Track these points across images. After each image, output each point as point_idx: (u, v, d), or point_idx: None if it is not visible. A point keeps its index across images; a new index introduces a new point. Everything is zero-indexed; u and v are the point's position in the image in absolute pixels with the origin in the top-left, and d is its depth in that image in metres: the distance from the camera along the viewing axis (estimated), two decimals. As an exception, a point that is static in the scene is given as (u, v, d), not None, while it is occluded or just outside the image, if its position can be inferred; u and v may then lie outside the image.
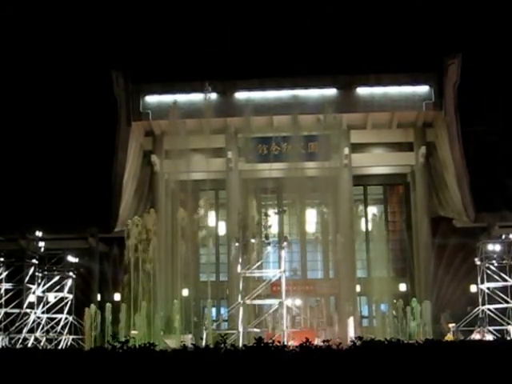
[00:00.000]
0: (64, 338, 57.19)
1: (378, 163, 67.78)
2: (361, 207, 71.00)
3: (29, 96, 73.34)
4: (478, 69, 65.79)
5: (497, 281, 55.81)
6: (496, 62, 69.29)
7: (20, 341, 54.19)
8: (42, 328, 56.68)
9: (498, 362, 14.84)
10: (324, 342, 15.59)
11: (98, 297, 66.02)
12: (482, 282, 56.13)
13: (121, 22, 78.14)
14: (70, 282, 58.75)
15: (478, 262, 56.68)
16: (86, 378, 13.97)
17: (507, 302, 55.16)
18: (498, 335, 53.08)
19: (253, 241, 50.49)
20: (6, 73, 72.91)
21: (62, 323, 57.66)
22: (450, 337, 50.51)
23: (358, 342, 15.18)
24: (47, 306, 57.58)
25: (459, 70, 61.81)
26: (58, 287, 58.16)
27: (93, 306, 53.06)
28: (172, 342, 46.52)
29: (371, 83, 64.07)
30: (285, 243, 50.60)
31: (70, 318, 57.93)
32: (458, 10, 74.34)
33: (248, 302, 49.96)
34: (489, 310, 55.34)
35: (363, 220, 71.10)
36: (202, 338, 46.63)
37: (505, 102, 66.05)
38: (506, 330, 53.91)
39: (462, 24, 71.77)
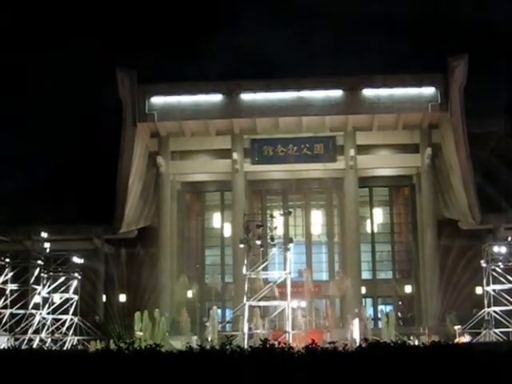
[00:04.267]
0: (69, 338, 57.21)
1: (384, 165, 67.60)
2: (366, 209, 70.97)
3: (34, 97, 73.62)
4: (484, 70, 65.73)
5: (502, 283, 55.58)
6: (501, 64, 69.27)
7: (25, 341, 54.20)
8: (48, 329, 56.62)
9: (502, 364, 14.79)
10: (330, 343, 15.57)
11: (104, 298, 66.13)
12: (488, 284, 55.91)
13: (127, 23, 78.34)
14: (75, 283, 58.67)
15: (484, 264, 56.44)
16: (92, 379, 13.97)
17: (513, 304, 54.95)
18: (504, 337, 52.93)
19: (258, 242, 50.33)
20: (12, 74, 73.16)
21: (67, 324, 57.63)
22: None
23: (364, 344, 15.14)
24: (52, 306, 57.48)
25: (465, 71, 61.63)
26: (63, 288, 58.05)
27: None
28: (177, 344, 46.48)
29: (377, 85, 63.82)
30: (290, 245, 50.49)
31: (76, 319, 57.91)
32: (464, 12, 74.34)
33: (253, 303, 49.84)
34: (494, 312, 55.15)
35: (369, 222, 71.06)
36: (207, 340, 46.75)
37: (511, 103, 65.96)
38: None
39: (468, 25, 71.78)
